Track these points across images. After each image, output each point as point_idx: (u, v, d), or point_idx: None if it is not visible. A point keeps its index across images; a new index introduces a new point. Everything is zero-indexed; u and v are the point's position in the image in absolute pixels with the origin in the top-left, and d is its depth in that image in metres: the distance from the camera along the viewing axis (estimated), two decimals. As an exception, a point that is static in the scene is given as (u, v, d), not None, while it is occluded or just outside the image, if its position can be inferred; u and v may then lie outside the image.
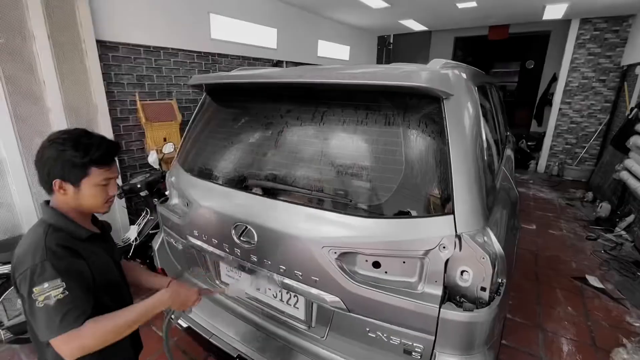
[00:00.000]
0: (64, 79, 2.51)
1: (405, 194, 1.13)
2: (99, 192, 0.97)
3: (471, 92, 1.37)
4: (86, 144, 0.93)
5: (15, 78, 2.27)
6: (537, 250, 3.58)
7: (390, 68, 1.18)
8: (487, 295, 1.09)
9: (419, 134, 1.16)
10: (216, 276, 1.71)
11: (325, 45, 5.88)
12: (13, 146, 2.30)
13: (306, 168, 1.28)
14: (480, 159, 1.24)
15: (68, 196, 0.94)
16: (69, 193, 0.94)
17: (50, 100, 2.45)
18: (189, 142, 1.78)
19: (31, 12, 2.26)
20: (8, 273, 2.02)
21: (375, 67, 1.21)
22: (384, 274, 1.18)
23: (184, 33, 3.56)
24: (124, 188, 2.57)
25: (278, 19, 4.69)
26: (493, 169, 1.59)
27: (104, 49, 2.94)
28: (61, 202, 0.96)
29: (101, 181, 0.96)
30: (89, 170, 0.93)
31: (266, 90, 1.49)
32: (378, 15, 5.48)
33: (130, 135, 3.31)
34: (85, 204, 0.97)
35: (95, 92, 2.73)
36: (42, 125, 2.45)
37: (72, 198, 0.95)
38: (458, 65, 1.46)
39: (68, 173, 0.92)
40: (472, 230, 1.09)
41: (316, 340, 1.41)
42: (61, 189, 0.93)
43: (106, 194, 0.99)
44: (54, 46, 2.41)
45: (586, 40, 5.65)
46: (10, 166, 2.30)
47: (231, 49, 4.13)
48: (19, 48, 2.26)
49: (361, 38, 7.01)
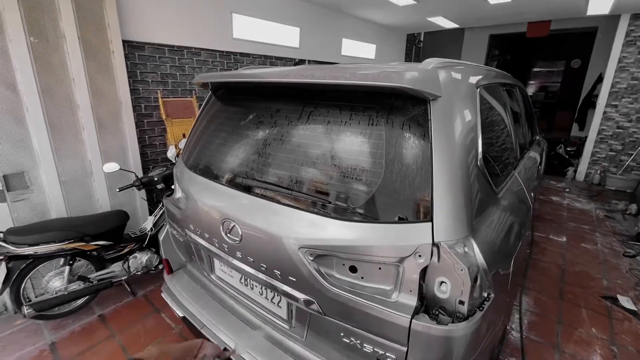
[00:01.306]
0: (91, 77, 2.69)
1: (383, 198, 1.09)
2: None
3: (468, 93, 1.30)
4: None
5: (48, 76, 2.47)
6: (564, 265, 3.32)
7: (375, 68, 1.14)
8: (466, 310, 1.03)
9: (402, 136, 1.11)
10: (210, 270, 1.76)
11: (350, 44, 5.83)
12: (45, 140, 2.51)
13: (289, 168, 1.28)
14: (472, 165, 1.17)
15: None
16: None
17: (79, 97, 2.64)
18: (193, 138, 1.84)
19: (63, 14, 2.44)
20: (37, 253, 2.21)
21: (361, 67, 1.18)
22: (360, 280, 1.14)
23: (207, 33, 3.69)
24: (142, 180, 2.71)
25: (301, 17, 4.72)
26: (497, 176, 1.49)
27: (131, 49, 3.12)
28: None
29: None
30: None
31: (258, 90, 1.51)
32: (405, 12, 5.33)
33: (153, 130, 3.49)
34: None
35: (120, 89, 2.90)
36: (71, 121, 2.65)
37: None
38: (456, 64, 1.38)
39: None
40: (452, 240, 1.03)
41: (297, 340, 1.41)
42: None
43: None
44: (83, 46, 2.59)
45: (637, 37, 5.13)
46: (42, 158, 2.51)
47: (253, 48, 4.22)
48: (52, 47, 2.46)
49: (388, 36, 6.86)
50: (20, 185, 2.45)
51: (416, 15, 5.54)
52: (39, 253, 2.23)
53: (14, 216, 2.45)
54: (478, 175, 1.22)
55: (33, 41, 2.36)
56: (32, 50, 2.35)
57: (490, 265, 1.12)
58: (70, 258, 2.43)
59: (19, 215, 2.47)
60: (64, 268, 2.43)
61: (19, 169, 2.44)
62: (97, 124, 2.80)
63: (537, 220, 4.35)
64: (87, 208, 2.86)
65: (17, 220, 2.47)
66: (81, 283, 2.48)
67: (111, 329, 2.43)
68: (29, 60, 2.34)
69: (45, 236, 2.22)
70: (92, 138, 2.77)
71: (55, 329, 2.43)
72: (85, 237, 2.40)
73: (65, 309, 2.52)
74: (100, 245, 2.50)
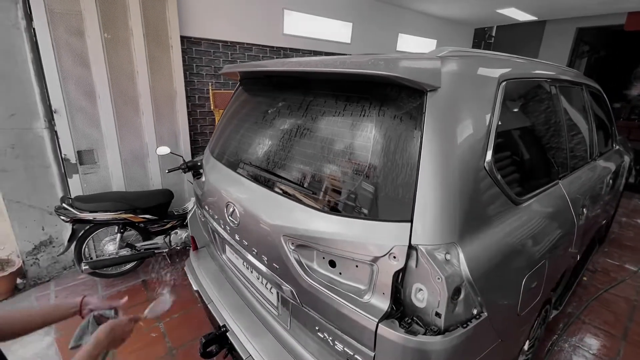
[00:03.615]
0: (152, 68, 3.02)
1: (365, 192, 1.04)
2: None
3: (483, 87, 1.16)
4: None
5: (116, 68, 2.84)
6: (637, 301, 2.78)
7: (370, 56, 1.08)
8: (442, 323, 0.93)
9: (392, 129, 1.04)
10: (222, 251, 1.86)
11: (407, 39, 5.58)
12: (111, 123, 2.90)
13: (283, 156, 1.29)
14: (474, 167, 1.05)
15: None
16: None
17: (141, 86, 2.99)
18: (220, 125, 1.97)
19: (131, 12, 2.78)
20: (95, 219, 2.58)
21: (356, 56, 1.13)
22: (338, 275, 1.11)
23: (259, 29, 3.86)
24: (187, 164, 2.97)
25: (354, 12, 4.66)
26: (520, 183, 1.31)
27: (189, 44, 3.42)
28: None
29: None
30: None
31: (267, 80, 1.54)
32: (470, 4, 4.92)
33: (204, 119, 3.78)
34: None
35: (175, 81, 3.21)
36: (133, 108, 3.01)
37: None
38: (475, 54, 1.24)
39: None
40: (432, 244, 0.94)
41: (283, 327, 1.42)
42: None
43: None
44: (146, 41, 2.92)
45: None
46: (108, 140, 2.91)
47: (303, 43, 4.29)
48: (122, 42, 2.82)
49: (452, 31, 6.40)
50: (89, 161, 2.88)
51: (484, 6, 5.07)
52: (97, 219, 2.59)
53: (83, 186, 2.88)
54: (483, 179, 1.09)
55: (106, 37, 2.73)
56: (105, 45, 2.72)
57: (483, 279, 1.00)
58: (122, 227, 2.79)
59: (88, 186, 2.90)
60: (117, 235, 2.80)
61: (90, 146, 2.85)
62: (155, 111, 3.14)
63: (614, 246, 3.70)
64: (142, 185, 3.24)
65: (86, 190, 2.90)
66: (129, 250, 2.82)
67: (149, 294, 2.73)
68: (102, 53, 2.71)
69: (102, 205, 2.58)
70: (149, 123, 3.12)
71: (107, 287, 2.81)
72: (135, 210, 2.73)
73: (116, 270, 2.90)
74: (147, 219, 2.81)
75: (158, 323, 2.41)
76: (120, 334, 0.98)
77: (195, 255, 2.20)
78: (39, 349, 2.14)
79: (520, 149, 1.38)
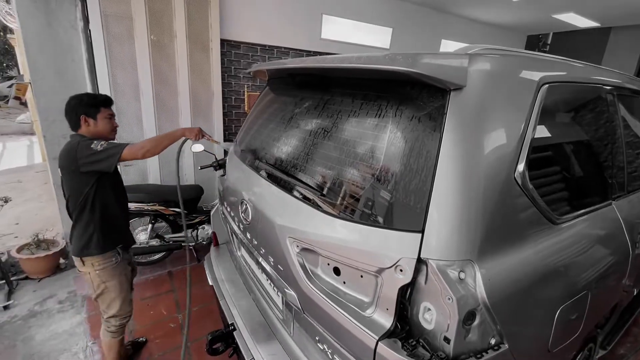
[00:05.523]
0: (192, 70, 3.16)
1: (375, 197, 0.96)
2: (107, 123, 1.61)
3: (518, 89, 1.04)
4: (95, 95, 1.65)
5: (159, 68, 3.01)
6: None
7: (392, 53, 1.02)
8: (451, 350, 0.83)
9: (409, 129, 0.96)
10: (238, 248, 1.86)
11: (450, 46, 5.35)
12: (152, 119, 3.07)
13: (294, 155, 1.25)
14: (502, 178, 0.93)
15: (90, 127, 1.56)
16: (90, 124, 1.56)
17: (180, 86, 3.14)
18: (244, 124, 1.99)
19: (176, 16, 2.94)
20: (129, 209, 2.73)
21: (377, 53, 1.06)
22: (342, 284, 1.04)
23: (297, 33, 3.90)
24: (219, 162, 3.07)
25: (394, 17, 4.56)
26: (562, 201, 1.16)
27: (228, 47, 3.54)
28: (85, 131, 1.57)
29: (107, 116, 1.59)
30: (100, 109, 1.57)
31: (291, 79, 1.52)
32: (521, 9, 4.60)
33: (239, 120, 3.89)
34: (100, 131, 1.58)
35: (213, 82, 3.33)
36: (172, 104, 3.17)
37: (92, 127, 1.57)
38: (512, 53, 1.11)
39: (88, 110, 1.54)
40: (445, 260, 0.84)
41: (287, 331, 1.37)
42: (85, 121, 1.55)
43: (112, 125, 1.64)
44: (188, 43, 3.07)
45: None
46: (148, 135, 3.08)
47: (340, 48, 4.27)
48: (166, 44, 2.99)
49: (501, 38, 6.04)
50: (130, 154, 3.07)
51: (538, 11, 4.71)
52: (131, 209, 2.74)
53: (123, 178, 3.06)
54: (513, 192, 0.96)
55: (153, 39, 2.90)
56: (150, 46, 2.90)
57: (504, 305, 0.87)
58: (153, 218, 2.92)
59: (127, 177, 3.09)
60: (149, 225, 2.94)
61: (131, 141, 3.04)
62: (192, 110, 3.28)
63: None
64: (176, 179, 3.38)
65: (125, 182, 3.07)
66: (159, 240, 2.95)
67: (173, 285, 2.82)
68: (148, 54, 2.89)
69: (136, 196, 2.72)
70: (186, 121, 3.26)
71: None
72: (167, 202, 2.85)
73: (145, 259, 3.04)
74: (176, 212, 2.92)
75: (177, 314, 2.47)
76: (191, 129, 1.73)
77: (216, 251, 2.23)
78: (68, 326, 2.28)
79: (563, 162, 1.22)
